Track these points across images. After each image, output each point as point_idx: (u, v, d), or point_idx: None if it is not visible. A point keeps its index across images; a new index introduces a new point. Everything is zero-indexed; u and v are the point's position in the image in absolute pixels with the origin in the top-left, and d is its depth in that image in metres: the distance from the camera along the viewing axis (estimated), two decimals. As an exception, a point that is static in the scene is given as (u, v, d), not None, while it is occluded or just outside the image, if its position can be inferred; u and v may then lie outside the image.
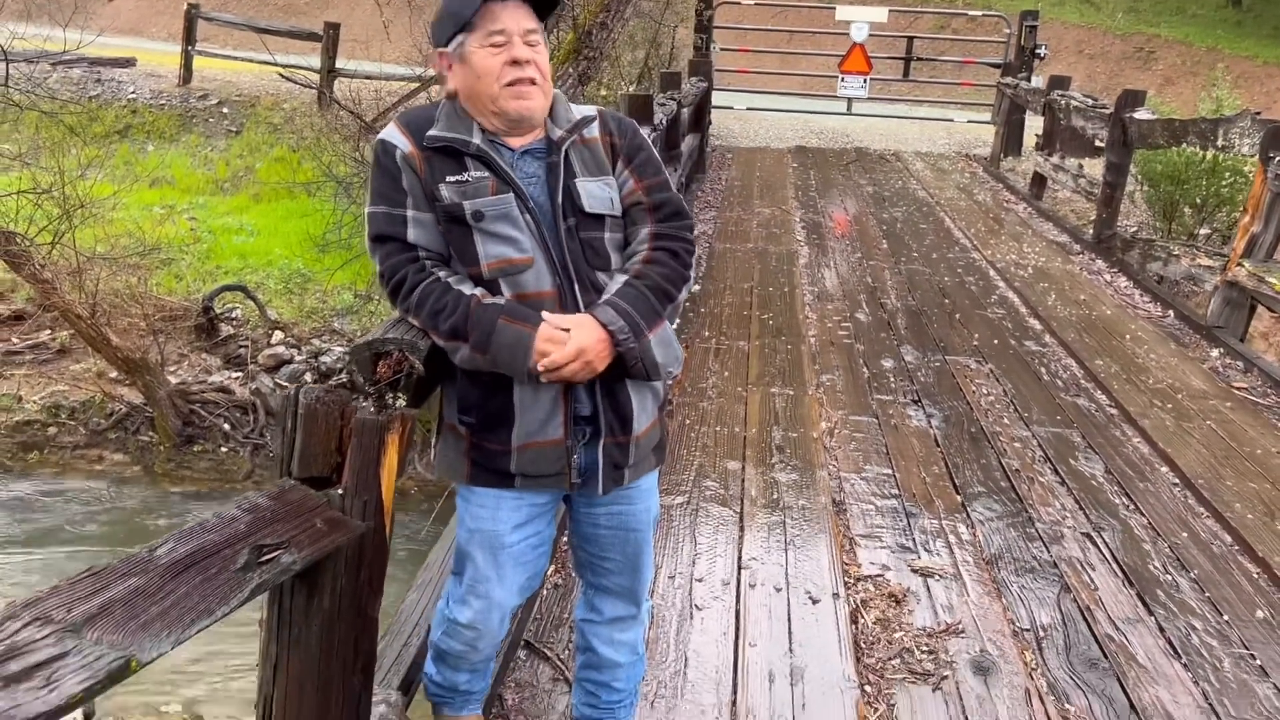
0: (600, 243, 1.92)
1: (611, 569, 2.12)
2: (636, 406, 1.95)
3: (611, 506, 2.05)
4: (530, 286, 1.86)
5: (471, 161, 1.86)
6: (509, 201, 1.85)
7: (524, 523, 2.00)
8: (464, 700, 2.22)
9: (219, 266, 10.68)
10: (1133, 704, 2.61)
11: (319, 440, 1.74)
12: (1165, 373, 5.09)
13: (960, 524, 3.51)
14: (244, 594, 1.44)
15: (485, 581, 2.00)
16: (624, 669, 2.20)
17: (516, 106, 1.86)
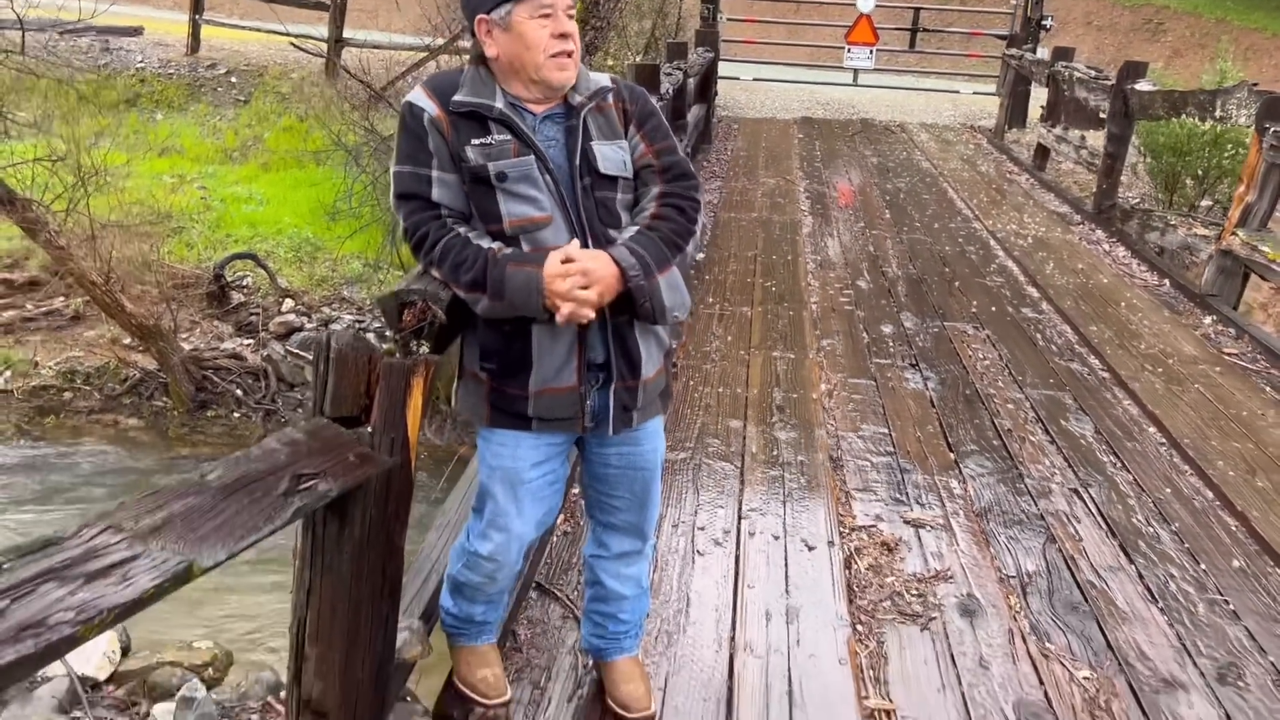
0: (613, 202, 2.05)
1: (620, 507, 2.27)
2: (644, 353, 2.08)
3: (621, 447, 2.19)
4: (549, 243, 1.97)
5: (494, 125, 1.98)
6: (530, 163, 1.97)
7: (541, 461, 2.14)
8: (478, 631, 2.37)
9: (229, 235, 10.80)
10: (1109, 643, 2.76)
11: (349, 383, 1.88)
12: (1158, 339, 5.22)
13: (952, 479, 3.65)
14: (286, 515, 1.59)
15: (505, 515, 2.14)
16: (629, 601, 2.36)
17: (560, 77, 1.98)
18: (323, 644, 1.95)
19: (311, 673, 1.97)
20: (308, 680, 1.97)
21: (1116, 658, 2.71)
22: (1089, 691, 2.57)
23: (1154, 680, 2.63)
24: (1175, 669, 2.68)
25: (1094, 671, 2.65)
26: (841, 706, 2.45)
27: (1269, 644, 2.80)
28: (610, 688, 2.37)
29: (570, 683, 2.50)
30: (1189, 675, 2.66)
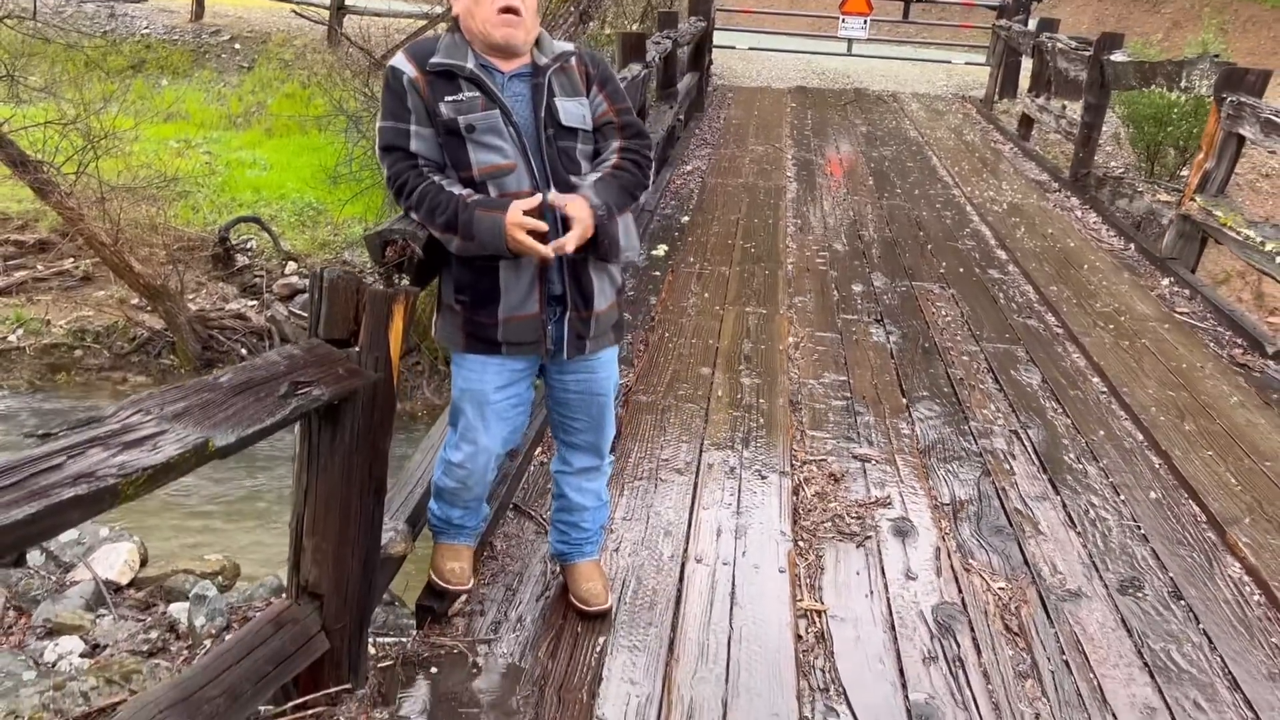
0: (573, 151, 2.34)
1: (579, 428, 2.58)
2: (597, 288, 2.39)
3: (579, 375, 2.50)
4: (511, 187, 2.27)
5: (465, 83, 2.27)
6: (495, 117, 2.25)
7: (505, 385, 2.45)
8: (457, 532, 2.69)
9: (234, 199, 11.06)
10: (1026, 560, 3.08)
11: (339, 309, 2.18)
12: (1113, 298, 5.51)
13: (902, 422, 3.96)
14: (285, 413, 1.89)
15: (474, 430, 2.47)
16: (590, 512, 2.68)
17: (503, 34, 2.26)
18: (318, 536, 2.26)
19: (309, 561, 2.29)
20: (305, 567, 2.29)
21: (1031, 572, 3.02)
22: (1002, 599, 2.89)
23: (1061, 590, 2.94)
24: (1083, 582, 2.99)
25: (1009, 583, 2.96)
26: (777, 606, 2.76)
27: (1170, 563, 3.11)
28: (573, 586, 2.69)
29: (539, 585, 2.82)
30: (1094, 587, 2.97)
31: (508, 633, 2.62)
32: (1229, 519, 3.34)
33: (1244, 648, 2.75)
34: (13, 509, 1.32)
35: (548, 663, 2.51)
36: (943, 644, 2.68)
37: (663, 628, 2.65)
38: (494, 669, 2.48)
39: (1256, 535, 3.26)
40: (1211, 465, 3.70)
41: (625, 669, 2.49)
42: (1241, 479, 3.62)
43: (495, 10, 2.24)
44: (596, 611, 2.64)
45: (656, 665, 2.51)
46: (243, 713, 2.04)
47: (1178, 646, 2.73)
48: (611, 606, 2.68)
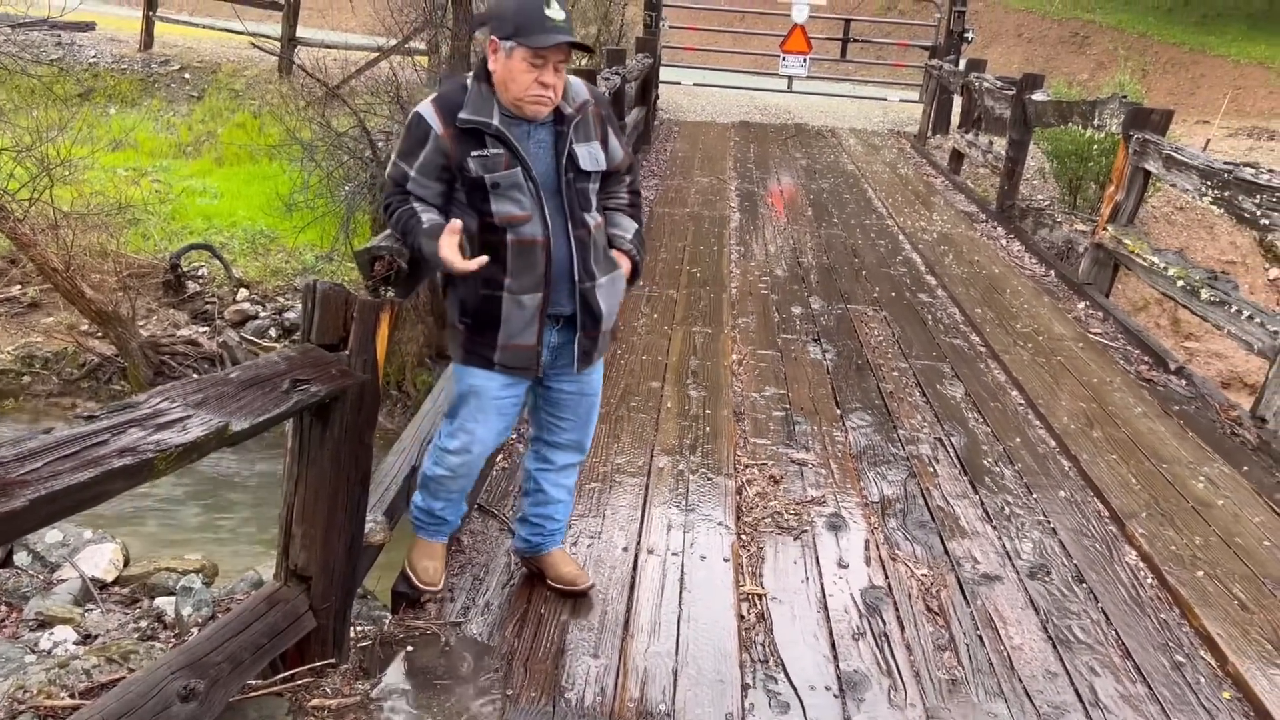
0: (587, 191, 2.61)
1: (567, 426, 2.83)
2: (605, 309, 2.66)
3: (577, 380, 2.76)
4: (526, 235, 2.52)
5: (490, 140, 2.48)
6: (518, 174, 2.49)
7: (509, 383, 2.69)
8: (436, 529, 2.91)
9: (184, 227, 11.15)
10: (946, 551, 3.40)
11: (331, 317, 2.43)
12: (1033, 320, 5.93)
13: (836, 430, 4.28)
14: (288, 406, 2.14)
15: (473, 420, 2.70)
16: (563, 505, 2.94)
17: (532, 111, 2.49)
18: (307, 523, 2.49)
19: (298, 546, 2.52)
20: (294, 552, 2.52)
21: (950, 561, 3.34)
22: (924, 584, 3.20)
23: (977, 576, 3.26)
24: (996, 569, 3.32)
25: (930, 570, 3.28)
26: (722, 591, 3.05)
27: (1075, 552, 3.46)
28: (553, 573, 2.95)
29: (505, 575, 3.07)
30: (1006, 573, 3.30)
31: (476, 616, 2.86)
32: (1128, 514, 3.70)
33: (1136, 622, 3.08)
34: (76, 473, 1.56)
35: (514, 641, 2.76)
36: (870, 622, 2.98)
37: (618, 609, 2.91)
38: (465, 647, 2.73)
39: (1152, 527, 3.62)
40: (1115, 468, 4.07)
41: (585, 645, 2.75)
42: (1141, 479, 3.99)
43: (530, 94, 2.44)
44: (583, 589, 2.92)
45: (614, 641, 2.77)
46: (241, 678, 2.26)
47: (1078, 622, 3.06)
48: (594, 584, 2.97)
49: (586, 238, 2.59)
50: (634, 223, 2.79)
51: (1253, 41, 23.74)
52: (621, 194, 2.77)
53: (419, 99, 9.69)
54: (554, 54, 2.43)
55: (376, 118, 9.72)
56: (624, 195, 2.77)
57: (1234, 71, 22.58)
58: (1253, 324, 4.77)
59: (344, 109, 10.01)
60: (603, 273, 2.64)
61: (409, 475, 3.06)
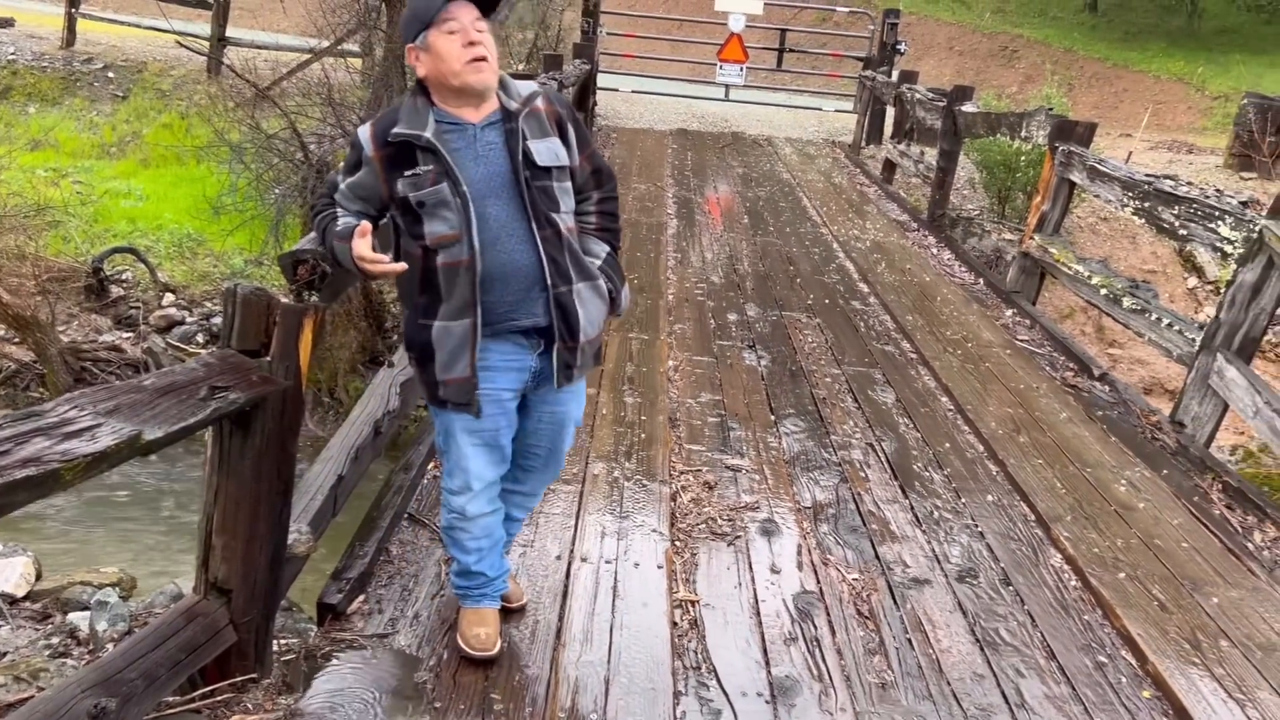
0: (550, 189, 2.41)
1: (539, 453, 2.68)
2: (583, 318, 2.45)
3: (555, 406, 2.59)
4: (452, 256, 2.34)
5: (421, 154, 2.33)
6: (443, 190, 2.32)
7: (495, 413, 2.50)
8: (479, 591, 2.70)
9: (108, 229, 10.84)
10: (877, 555, 3.43)
11: (252, 322, 2.37)
12: (962, 327, 6.03)
13: (770, 436, 4.30)
14: (205, 414, 2.08)
15: (463, 457, 2.53)
16: (517, 524, 2.87)
17: (477, 79, 2.32)
18: (227, 534, 2.43)
19: (218, 558, 2.45)
20: (214, 564, 2.45)
21: (881, 565, 3.37)
22: (855, 588, 3.22)
23: (907, 580, 3.30)
24: (926, 572, 3.36)
25: (861, 575, 3.30)
26: (655, 598, 3.03)
27: (1002, 555, 3.51)
28: None
29: (434, 585, 3.02)
30: (935, 576, 3.34)
31: (405, 627, 2.81)
32: (1053, 517, 3.77)
33: (1060, 624, 3.14)
34: (-27, 485, 1.49)
35: (442, 652, 2.71)
36: (802, 627, 2.99)
37: (550, 618, 2.88)
38: (392, 659, 2.67)
39: (1076, 530, 3.69)
40: (1041, 472, 4.15)
41: (516, 655, 2.71)
42: (1066, 483, 4.07)
43: (464, 60, 2.31)
44: (516, 607, 2.86)
45: (545, 651, 2.74)
46: (156, 696, 2.19)
47: (1005, 624, 3.11)
48: (527, 600, 2.92)
49: (556, 239, 2.41)
50: (604, 246, 2.57)
51: (1171, 58, 24.55)
52: (589, 213, 2.56)
53: (350, 100, 9.51)
54: (462, 13, 2.32)
55: (309, 120, 9.56)
56: (592, 215, 2.56)
57: (1155, 86, 23.32)
58: (1171, 331, 4.91)
59: (275, 110, 9.83)
60: (580, 278, 2.45)
61: (335, 484, 2.99)
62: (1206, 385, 4.56)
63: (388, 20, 8.77)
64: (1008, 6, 29.73)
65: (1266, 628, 3.18)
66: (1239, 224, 4.51)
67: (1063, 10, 29.40)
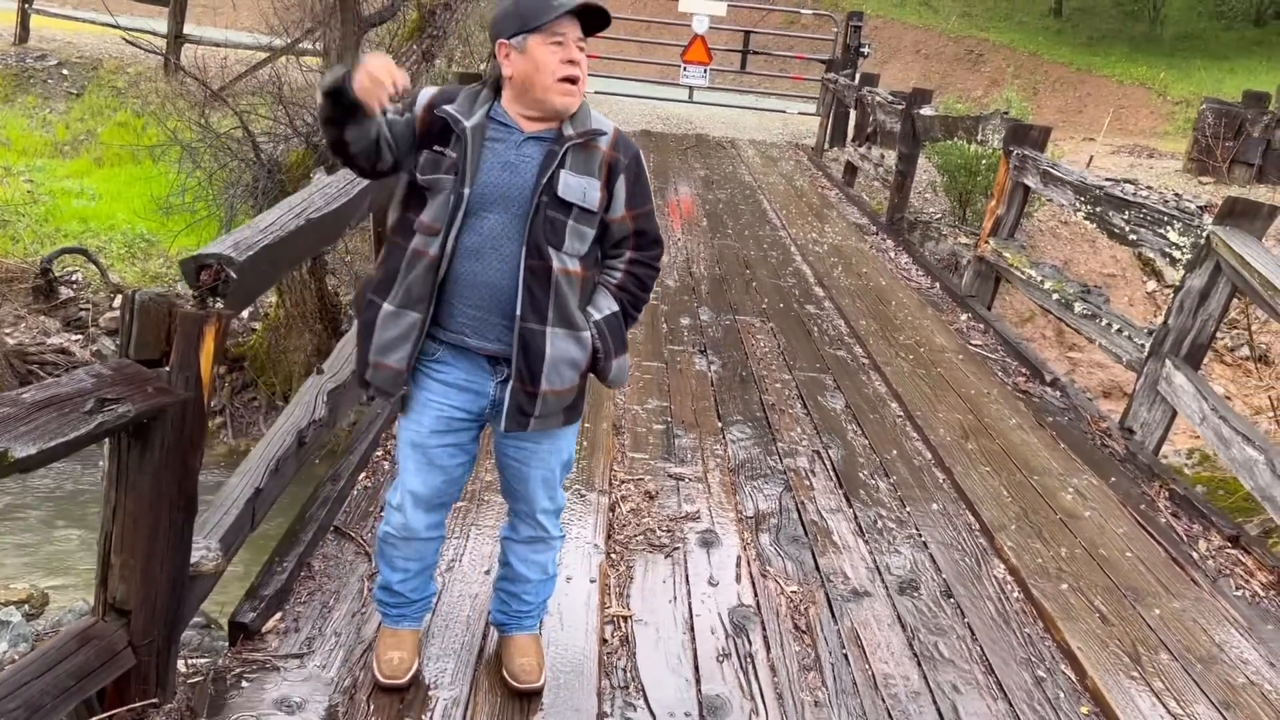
0: (561, 224, 2.26)
1: (517, 496, 2.51)
2: (548, 364, 2.27)
3: (521, 443, 2.42)
4: (423, 246, 2.25)
5: (454, 140, 2.24)
6: (447, 183, 2.23)
7: (442, 431, 2.36)
8: (399, 612, 2.56)
9: (58, 229, 10.62)
10: (818, 566, 3.36)
11: (151, 330, 2.26)
12: (915, 331, 5.99)
13: (716, 443, 4.22)
14: (90, 427, 1.97)
15: (406, 473, 2.41)
16: (534, 585, 2.59)
17: (562, 102, 2.24)
18: (126, 552, 2.31)
19: (116, 578, 2.33)
20: (113, 584, 2.33)
21: (821, 577, 3.30)
22: (793, 601, 3.15)
23: (846, 592, 3.23)
24: (866, 584, 3.29)
25: (800, 587, 3.23)
26: (585, 613, 2.94)
27: (945, 566, 3.45)
28: (506, 659, 2.60)
29: (356, 602, 2.91)
30: (875, 589, 3.27)
31: (321, 646, 2.70)
32: (998, 526, 3.72)
33: (1000, 637, 3.08)
34: None
35: (359, 673, 2.60)
36: (736, 643, 2.91)
37: (474, 637, 2.78)
38: (306, 680, 2.56)
39: (1020, 540, 3.64)
40: (988, 480, 4.10)
41: (436, 675, 2.61)
42: (1012, 491, 4.03)
43: (559, 76, 2.22)
44: (526, 689, 2.55)
45: (465, 671, 2.64)
46: (43, 726, 2.07)
47: (944, 638, 3.04)
48: (543, 685, 2.58)
49: (544, 274, 2.24)
50: (613, 303, 2.38)
51: (1134, 63, 24.80)
52: (616, 269, 2.39)
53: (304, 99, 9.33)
54: (569, 28, 2.24)
55: (262, 119, 9.39)
56: (617, 272, 2.39)
57: (1118, 91, 23.54)
58: (1121, 337, 4.88)
59: (228, 112, 9.65)
60: (558, 324, 2.27)
61: (252, 497, 2.87)
62: (1155, 391, 4.54)
63: (341, 20, 8.63)
64: (974, 10, 29.93)
65: (1207, 639, 3.14)
66: (1187, 229, 4.49)
67: (1028, 15, 29.64)
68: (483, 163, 2.25)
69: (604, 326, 2.36)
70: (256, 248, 2.55)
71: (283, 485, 3.13)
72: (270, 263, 2.68)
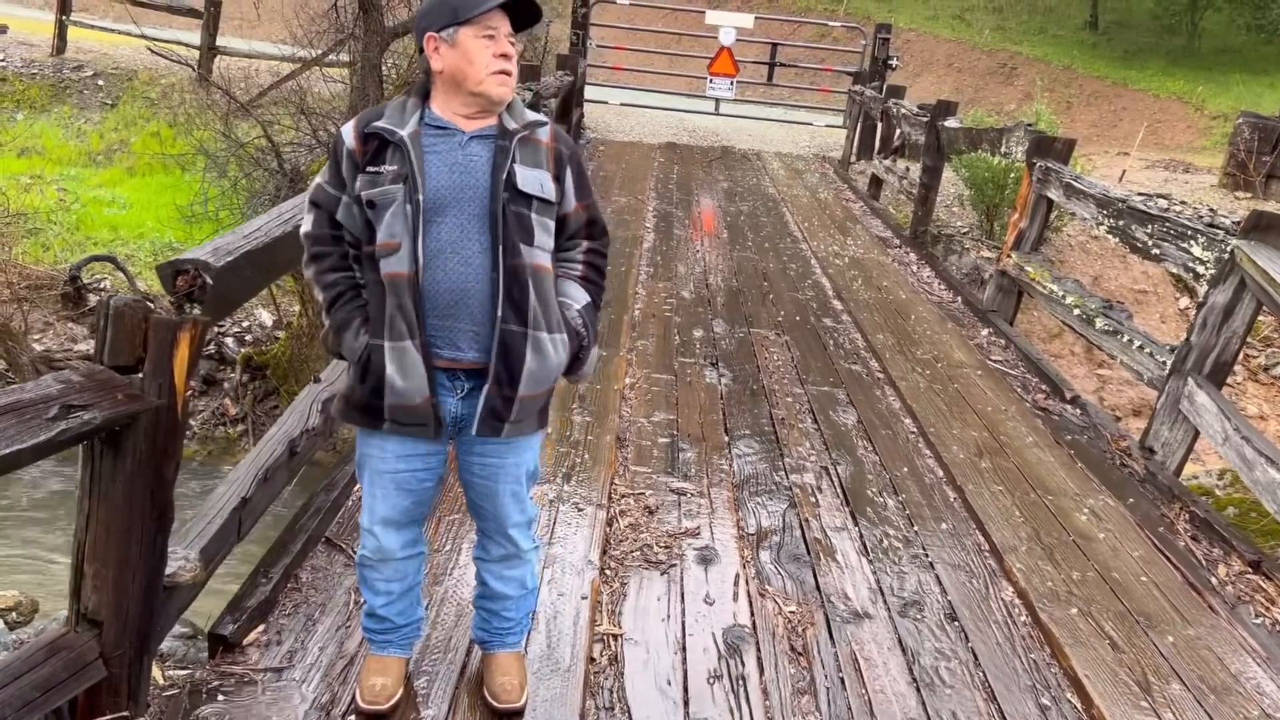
0: (527, 218, 2.21)
1: (485, 514, 2.44)
2: (528, 368, 2.21)
3: (487, 457, 2.33)
4: (392, 268, 2.16)
5: (391, 152, 2.18)
6: (396, 192, 2.15)
7: (407, 455, 2.30)
8: (384, 638, 2.49)
9: (89, 237, 10.76)
10: (819, 585, 3.26)
11: (125, 336, 2.22)
12: (934, 346, 5.87)
13: (721, 458, 4.14)
14: (52, 434, 1.93)
15: (373, 497, 2.35)
16: (513, 600, 2.51)
17: (499, 92, 2.20)
18: (98, 562, 2.27)
19: (89, 588, 2.29)
20: (85, 594, 2.29)
21: (821, 597, 3.21)
22: (791, 622, 3.06)
23: (846, 613, 3.13)
24: (868, 605, 3.19)
25: (799, 607, 3.14)
26: (575, 631, 2.87)
27: (951, 588, 3.35)
28: (487, 677, 2.54)
29: (341, 615, 2.86)
30: (877, 610, 3.17)
31: (301, 661, 2.65)
32: (1008, 547, 3.61)
33: (1005, 663, 2.97)
34: None
35: (338, 689, 2.55)
36: (729, 664, 2.83)
37: (459, 654, 2.72)
38: (284, 695, 2.51)
39: (1030, 561, 3.53)
40: (1000, 499, 3.99)
41: (418, 694, 2.55)
42: (1025, 511, 3.91)
43: (492, 70, 2.18)
44: (506, 709, 2.48)
45: (447, 689, 2.58)
46: (4, 738, 2.03)
47: (945, 663, 2.94)
48: (524, 705, 2.50)
49: (522, 272, 2.19)
50: (583, 293, 2.36)
51: (1171, 77, 24.45)
52: (575, 261, 2.36)
53: (328, 109, 9.41)
54: (500, 21, 2.20)
55: (287, 129, 9.46)
56: (578, 264, 2.36)
57: (1154, 105, 23.21)
58: (1143, 354, 4.75)
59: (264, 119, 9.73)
60: (541, 325, 2.22)
61: (238, 507, 2.83)
62: (1177, 410, 4.40)
63: (365, 29, 8.67)
64: (1008, 24, 29.69)
65: (1222, 669, 3.01)
66: (1211, 244, 4.36)
67: (1063, 28, 29.35)
68: (428, 167, 2.19)
69: (585, 315, 2.36)
70: (237, 253, 2.52)
71: (273, 495, 3.09)
72: (253, 269, 2.64)
